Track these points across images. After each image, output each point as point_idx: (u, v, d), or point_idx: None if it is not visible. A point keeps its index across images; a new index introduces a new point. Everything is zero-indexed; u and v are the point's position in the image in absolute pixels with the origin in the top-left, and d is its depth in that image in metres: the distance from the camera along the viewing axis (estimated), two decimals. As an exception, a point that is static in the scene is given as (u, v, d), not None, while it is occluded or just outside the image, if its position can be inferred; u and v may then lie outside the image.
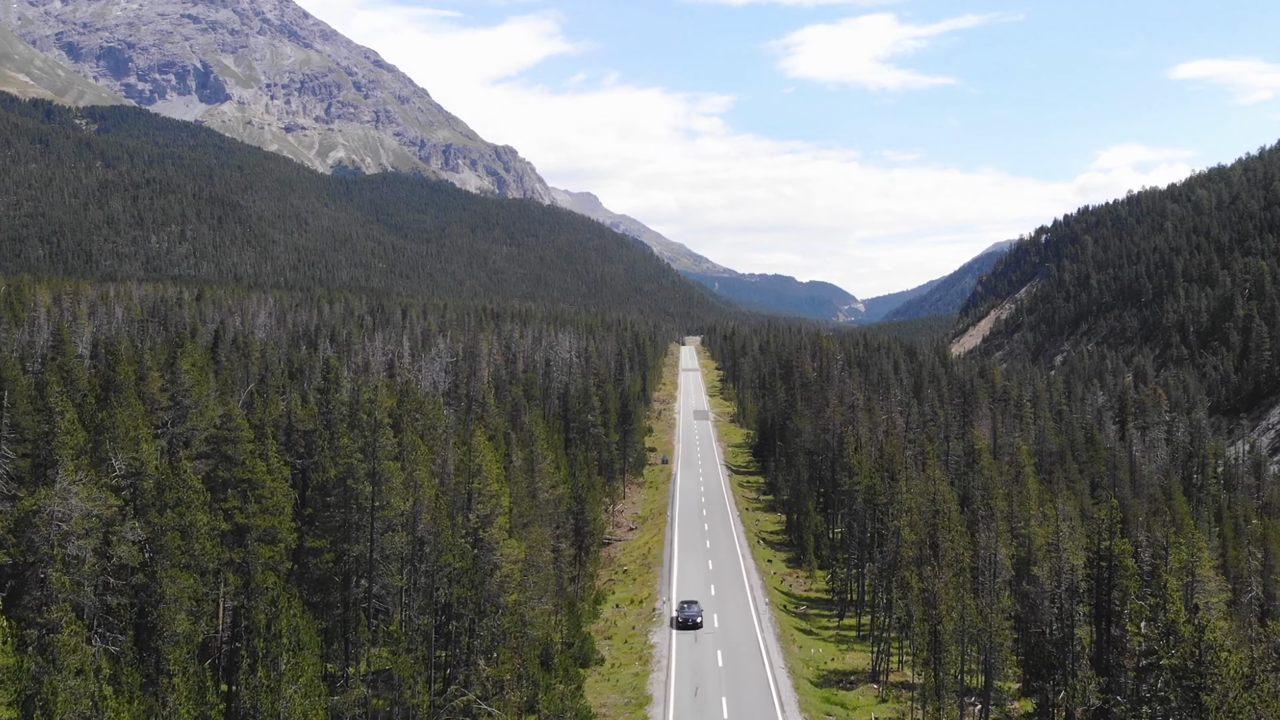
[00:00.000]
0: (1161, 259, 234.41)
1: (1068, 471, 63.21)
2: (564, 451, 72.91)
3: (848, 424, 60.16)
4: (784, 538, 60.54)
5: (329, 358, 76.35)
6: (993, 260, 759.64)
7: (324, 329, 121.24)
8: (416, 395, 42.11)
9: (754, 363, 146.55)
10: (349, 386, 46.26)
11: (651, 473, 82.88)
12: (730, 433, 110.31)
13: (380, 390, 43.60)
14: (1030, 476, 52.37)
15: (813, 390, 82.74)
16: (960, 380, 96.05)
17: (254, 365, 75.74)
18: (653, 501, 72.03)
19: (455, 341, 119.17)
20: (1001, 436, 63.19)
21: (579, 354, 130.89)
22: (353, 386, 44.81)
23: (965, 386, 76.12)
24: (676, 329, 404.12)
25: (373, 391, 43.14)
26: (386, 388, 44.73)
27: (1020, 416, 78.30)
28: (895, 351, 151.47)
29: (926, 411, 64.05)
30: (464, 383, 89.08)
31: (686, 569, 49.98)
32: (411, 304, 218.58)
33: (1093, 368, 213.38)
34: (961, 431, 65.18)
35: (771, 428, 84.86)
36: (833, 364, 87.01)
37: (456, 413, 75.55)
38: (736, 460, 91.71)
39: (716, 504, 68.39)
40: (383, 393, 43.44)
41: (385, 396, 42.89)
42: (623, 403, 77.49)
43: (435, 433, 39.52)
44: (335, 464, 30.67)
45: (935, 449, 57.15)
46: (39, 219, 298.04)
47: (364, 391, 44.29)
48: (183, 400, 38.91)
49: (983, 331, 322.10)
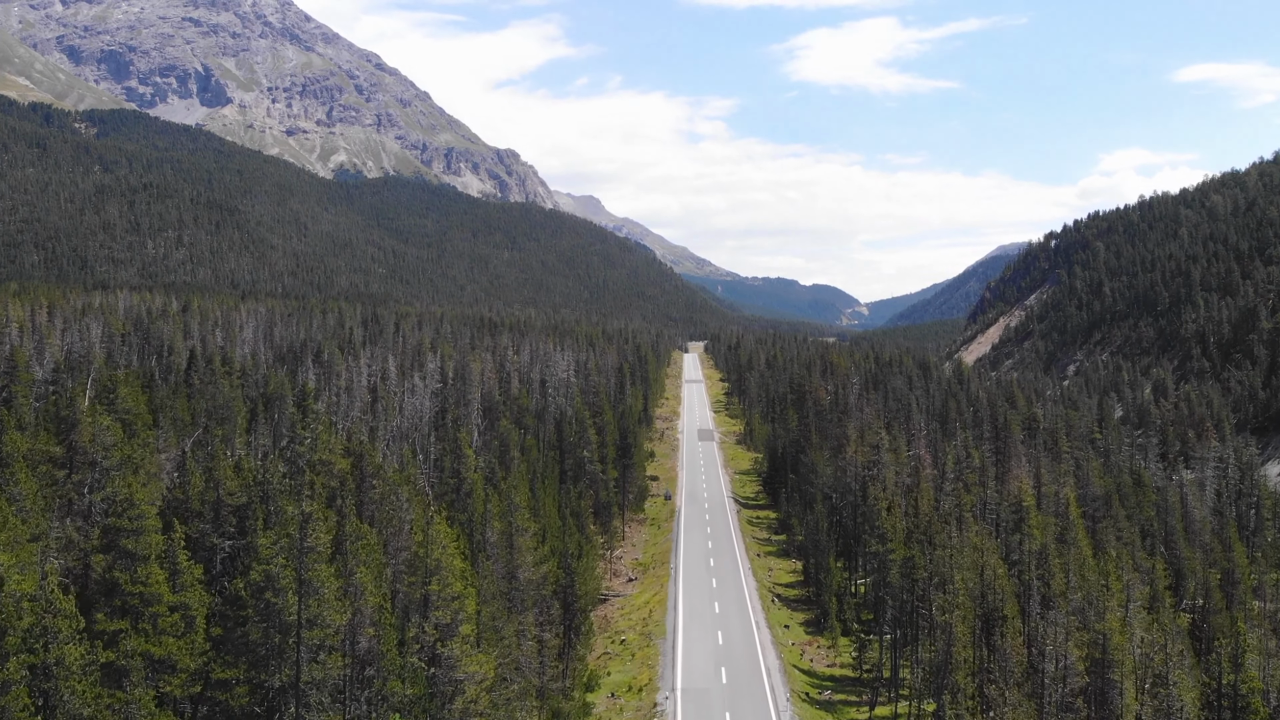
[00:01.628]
0: (1178, 267, 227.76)
1: (1115, 519, 57.19)
2: (559, 486, 67.08)
3: (871, 466, 54.25)
4: (801, 592, 54.54)
5: (305, 384, 70.52)
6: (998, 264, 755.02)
7: (311, 344, 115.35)
8: (374, 458, 36.13)
9: (761, 379, 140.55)
10: (310, 434, 40.34)
11: (654, 507, 76.75)
12: (737, 456, 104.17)
13: (334, 449, 37.71)
14: (1081, 532, 46.48)
15: (827, 419, 76.75)
16: (983, 403, 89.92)
17: (224, 391, 69.84)
18: (655, 544, 65.96)
19: (447, 359, 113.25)
20: (1046, 484, 57.20)
21: (578, 370, 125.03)
22: (311, 437, 38.91)
23: (998, 421, 70.06)
24: (679, 334, 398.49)
25: (325, 451, 37.20)
26: (343, 448, 38.80)
27: (1056, 453, 72.00)
28: (908, 366, 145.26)
29: (959, 453, 58.11)
30: (453, 406, 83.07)
31: (693, 644, 43.84)
32: (409, 312, 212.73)
33: (1108, 379, 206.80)
34: (999, 473, 59.11)
35: (782, 457, 78.83)
36: (848, 388, 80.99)
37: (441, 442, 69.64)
38: (744, 491, 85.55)
39: (724, 548, 62.30)
40: (336, 452, 37.62)
41: (339, 457, 37.07)
42: (622, 434, 71.57)
43: (395, 503, 33.64)
44: (255, 566, 24.75)
45: (973, 499, 51.11)
46: (34, 224, 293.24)
47: (321, 444, 38.32)
48: (102, 461, 32.99)
49: (992, 339, 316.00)
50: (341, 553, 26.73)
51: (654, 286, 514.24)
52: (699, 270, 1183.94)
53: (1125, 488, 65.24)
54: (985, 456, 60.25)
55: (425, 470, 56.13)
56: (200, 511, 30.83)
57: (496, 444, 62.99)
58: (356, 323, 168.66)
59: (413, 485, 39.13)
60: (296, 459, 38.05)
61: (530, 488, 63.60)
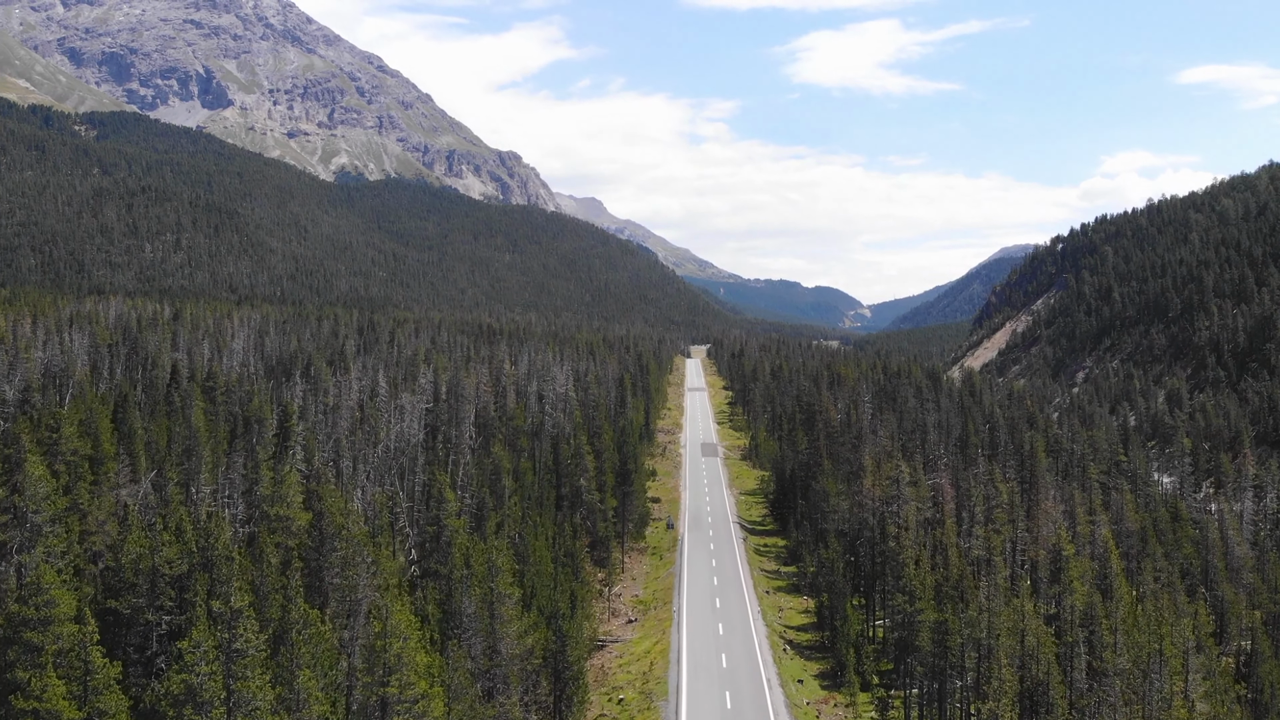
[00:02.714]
0: (1189, 272, 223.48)
1: (1153, 556, 53.31)
2: (554, 519, 63.30)
3: (890, 501, 50.28)
4: (814, 637, 50.62)
5: (287, 405, 66.68)
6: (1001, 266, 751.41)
7: (301, 356, 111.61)
8: (336, 516, 32.03)
9: (766, 390, 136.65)
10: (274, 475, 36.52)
11: (655, 534, 72.63)
12: (742, 474, 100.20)
13: (293, 502, 33.84)
14: (1121, 579, 42.60)
15: (839, 442, 72.78)
16: (999, 420, 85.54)
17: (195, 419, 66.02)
18: (657, 577, 61.94)
19: (442, 371, 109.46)
20: (1081, 522, 53.30)
21: (577, 381, 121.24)
22: (276, 478, 35.10)
23: (1021, 449, 65.82)
24: (682, 338, 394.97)
25: (282, 506, 33.37)
26: (304, 499, 34.99)
27: (1084, 480, 67.87)
28: (917, 376, 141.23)
29: (985, 487, 53.95)
30: (445, 425, 79.25)
31: (698, 706, 39.71)
32: (406, 318, 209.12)
33: (1119, 387, 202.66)
34: (1027, 506, 55.03)
35: (791, 481, 74.85)
36: (859, 407, 77.06)
37: (429, 467, 65.79)
38: (750, 514, 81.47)
39: (731, 583, 58.26)
40: (295, 505, 33.78)
41: (298, 511, 33.26)
42: (622, 460, 67.67)
43: (357, 572, 29.66)
44: (173, 675, 20.84)
45: (1003, 541, 47.12)
46: (31, 228, 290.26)
47: (288, 487, 34.44)
48: (31, 516, 29.20)
49: (998, 344, 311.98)
50: (286, 644, 22.94)
51: (656, 289, 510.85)
52: (701, 272, 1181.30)
53: (1161, 522, 61.30)
54: (1013, 490, 56.24)
55: (409, 504, 52.35)
56: (134, 583, 27.06)
57: (489, 467, 59.21)
58: (352, 330, 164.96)
59: (381, 547, 35.30)
60: (259, 505, 34.22)
61: (523, 516, 59.84)
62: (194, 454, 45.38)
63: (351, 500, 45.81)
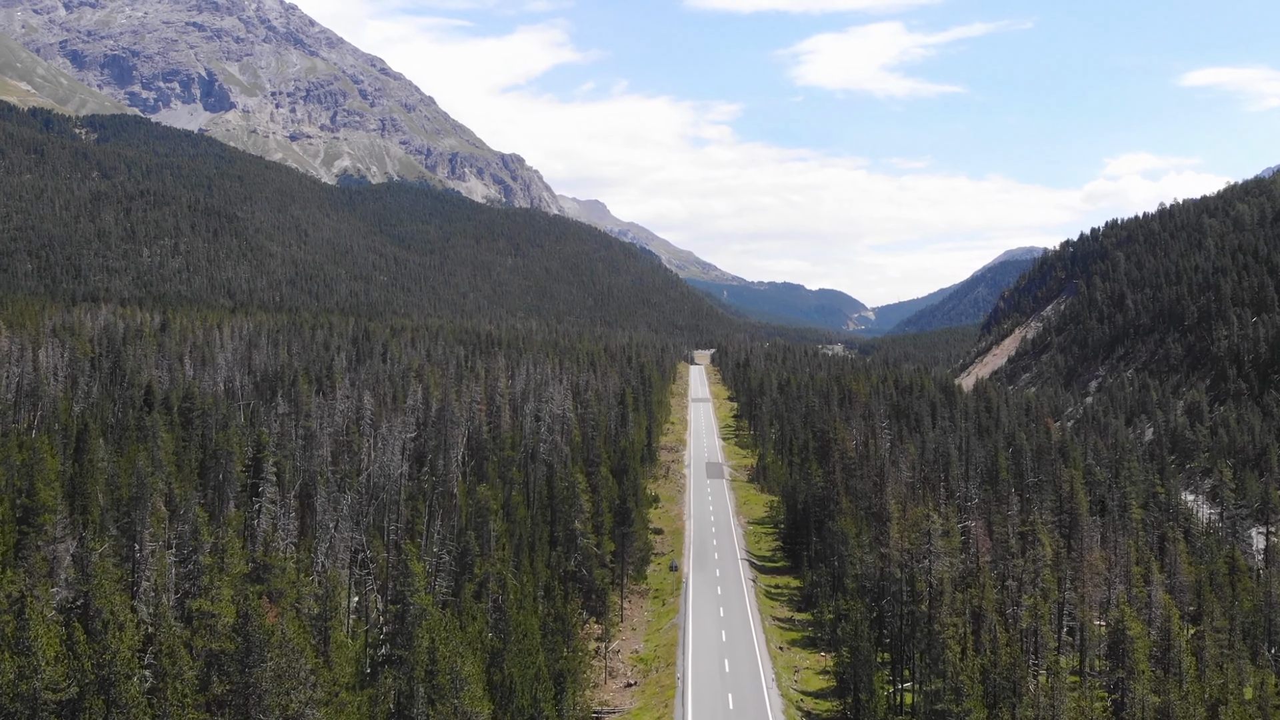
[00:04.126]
0: (1205, 280, 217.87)
1: (1212, 616, 48.24)
2: (548, 551, 58.46)
3: (921, 557, 45.12)
4: (834, 706, 45.60)
5: (260, 435, 61.79)
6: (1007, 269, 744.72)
7: (288, 373, 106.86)
8: (262, 625, 26.77)
9: (773, 405, 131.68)
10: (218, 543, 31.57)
11: (658, 575, 67.19)
12: (750, 499, 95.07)
13: (221, 594, 28.84)
14: (1188, 654, 37.61)
15: (856, 475, 67.68)
16: (1025, 448, 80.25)
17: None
18: (659, 629, 56.74)
19: (434, 388, 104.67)
20: (1136, 584, 48.31)
21: (576, 397, 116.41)
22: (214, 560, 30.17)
23: (1060, 490, 60.56)
24: (685, 343, 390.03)
25: (205, 600, 28.36)
26: (232, 593, 29.97)
27: (1126, 523, 62.59)
28: (930, 390, 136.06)
29: (1027, 541, 48.99)
30: (432, 452, 74.32)
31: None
32: (404, 326, 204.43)
33: (1135, 398, 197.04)
34: (1071, 557, 49.85)
35: (804, 514, 69.69)
36: (877, 435, 72.03)
37: (415, 490, 60.80)
38: (760, 548, 76.20)
39: (741, 637, 53.03)
40: (223, 599, 28.80)
41: (225, 606, 28.18)
42: (621, 497, 62.62)
43: (292, 679, 24.70)
44: None
45: (1050, 609, 41.95)
46: (28, 232, 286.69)
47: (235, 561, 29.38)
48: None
49: (1008, 351, 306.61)
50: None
51: (659, 293, 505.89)
52: (705, 275, 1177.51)
53: (1219, 575, 56.29)
54: (1057, 544, 50.95)
55: (383, 557, 47.45)
56: (13, 712, 22.17)
57: (475, 507, 54.29)
58: (346, 340, 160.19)
59: (323, 656, 30.21)
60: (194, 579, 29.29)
61: (515, 560, 54.91)
62: (141, 503, 40.52)
63: (316, 554, 40.90)
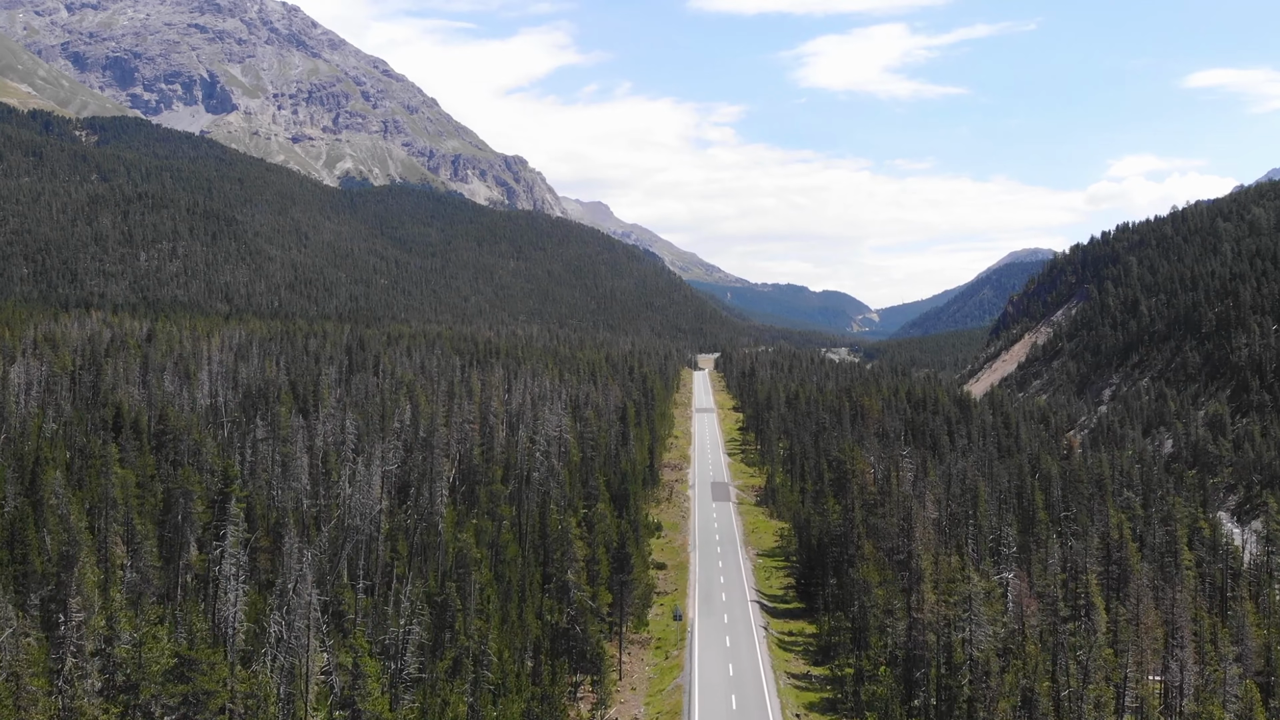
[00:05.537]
0: (1223, 286, 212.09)
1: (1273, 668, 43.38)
2: (539, 597, 53.67)
3: (960, 625, 40.03)
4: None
5: (228, 468, 57.05)
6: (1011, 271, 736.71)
7: (273, 389, 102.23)
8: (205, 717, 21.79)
9: (781, 419, 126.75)
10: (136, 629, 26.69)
11: (660, 622, 60.90)
12: (759, 526, 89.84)
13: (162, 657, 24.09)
14: None
15: (877, 513, 62.45)
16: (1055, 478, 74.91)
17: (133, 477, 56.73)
18: (661, 689, 51.23)
19: (425, 405, 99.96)
20: (1210, 662, 43.41)
21: (575, 412, 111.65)
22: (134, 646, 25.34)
23: (1109, 539, 55.25)
24: (689, 347, 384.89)
25: (136, 670, 23.55)
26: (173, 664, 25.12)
27: (1177, 571, 57.41)
28: (945, 405, 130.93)
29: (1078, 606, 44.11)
30: (416, 484, 69.50)
31: None
32: (401, 334, 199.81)
33: (1152, 408, 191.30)
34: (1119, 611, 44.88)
35: (820, 552, 64.30)
36: (898, 466, 67.04)
37: (395, 526, 55.93)
38: (771, 585, 70.68)
39: (754, 704, 46.98)
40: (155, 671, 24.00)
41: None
42: (620, 540, 57.44)
43: None
44: None
45: (1111, 691, 37.04)
46: (25, 236, 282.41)
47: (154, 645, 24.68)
48: None
49: (1018, 357, 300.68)
50: None
51: (662, 296, 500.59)
52: (708, 277, 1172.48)
53: (1274, 631, 51.13)
54: (1107, 597, 46.01)
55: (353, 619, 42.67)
56: None
57: (457, 555, 49.57)
58: (339, 350, 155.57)
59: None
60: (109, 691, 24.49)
61: (501, 614, 50.15)
62: (71, 561, 35.81)
63: (270, 623, 36.13)
